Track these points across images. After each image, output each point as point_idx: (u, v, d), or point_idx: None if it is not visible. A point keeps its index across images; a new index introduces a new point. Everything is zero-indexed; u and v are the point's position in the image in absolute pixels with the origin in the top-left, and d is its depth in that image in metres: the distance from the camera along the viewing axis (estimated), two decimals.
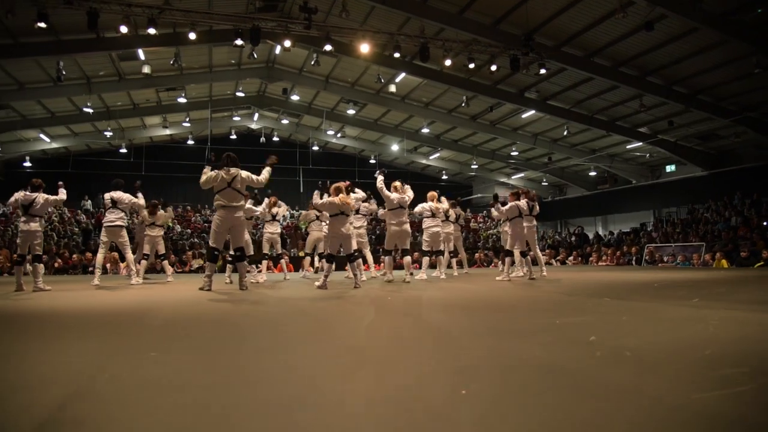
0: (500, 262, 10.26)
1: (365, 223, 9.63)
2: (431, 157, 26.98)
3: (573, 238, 22.44)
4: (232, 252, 7.18)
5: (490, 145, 23.94)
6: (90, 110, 17.63)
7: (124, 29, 11.30)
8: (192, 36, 11.64)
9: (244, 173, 6.55)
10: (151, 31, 10.67)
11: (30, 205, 6.93)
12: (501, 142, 23.19)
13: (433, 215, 9.05)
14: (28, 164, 21.92)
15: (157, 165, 22.26)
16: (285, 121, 24.06)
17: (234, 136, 24.60)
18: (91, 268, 11.09)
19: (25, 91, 15.78)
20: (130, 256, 8.25)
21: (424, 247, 9.04)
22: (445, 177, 28.99)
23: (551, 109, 17.94)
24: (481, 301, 5.37)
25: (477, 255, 17.21)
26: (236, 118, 23.55)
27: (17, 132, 19.79)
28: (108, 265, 12.29)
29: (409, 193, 8.48)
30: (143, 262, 9.04)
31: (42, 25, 10.17)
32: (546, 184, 27.59)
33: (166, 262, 9.55)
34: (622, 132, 18.68)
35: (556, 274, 10.00)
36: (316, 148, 26.45)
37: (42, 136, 20.73)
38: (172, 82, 17.60)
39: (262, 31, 12.11)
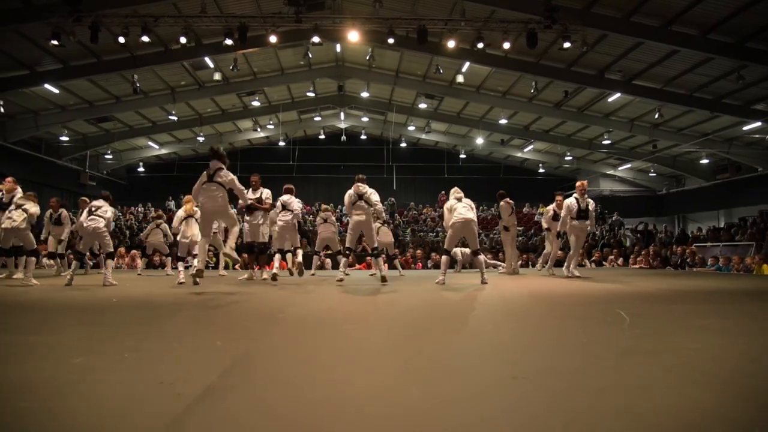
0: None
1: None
2: (525, 150, 25.39)
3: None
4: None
5: (584, 135, 21.91)
6: (175, 118, 19.13)
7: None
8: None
9: None
10: (145, 38, 11.08)
11: None
12: (596, 131, 21.10)
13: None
14: (141, 169, 24.54)
15: (250, 166, 23.51)
16: (365, 119, 24.16)
17: (323, 136, 25.25)
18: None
19: (122, 103, 17.59)
20: None
21: None
22: (542, 170, 27.18)
23: (640, 90, 15.83)
24: None
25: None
26: (317, 118, 24.18)
27: (131, 140, 22.18)
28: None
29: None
30: None
31: (54, 42, 10.84)
32: (654, 174, 24.60)
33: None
34: (732, 111, 15.90)
35: (521, 280, 8.13)
36: (403, 144, 26.29)
37: (150, 143, 22.99)
38: (247, 87, 18.46)
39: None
